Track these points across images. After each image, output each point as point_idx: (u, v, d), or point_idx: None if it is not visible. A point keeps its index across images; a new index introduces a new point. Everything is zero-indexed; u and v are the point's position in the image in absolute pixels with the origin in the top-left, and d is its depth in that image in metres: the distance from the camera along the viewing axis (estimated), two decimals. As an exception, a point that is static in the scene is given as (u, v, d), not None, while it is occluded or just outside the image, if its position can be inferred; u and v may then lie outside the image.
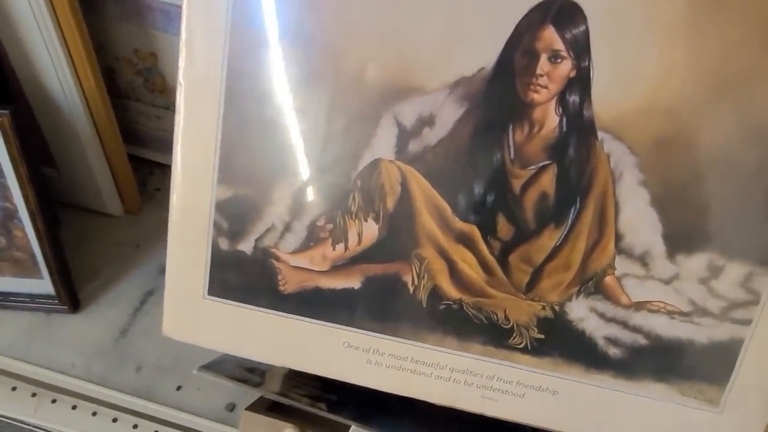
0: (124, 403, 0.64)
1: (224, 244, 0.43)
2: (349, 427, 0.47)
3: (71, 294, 0.68)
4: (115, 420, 0.63)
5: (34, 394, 0.63)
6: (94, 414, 0.63)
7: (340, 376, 0.44)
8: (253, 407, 0.54)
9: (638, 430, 0.43)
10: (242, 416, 0.49)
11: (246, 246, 0.43)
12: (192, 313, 0.45)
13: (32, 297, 0.68)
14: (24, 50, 0.60)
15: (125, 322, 0.70)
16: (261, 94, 0.40)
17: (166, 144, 0.81)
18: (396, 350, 0.43)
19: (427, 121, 0.39)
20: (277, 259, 0.43)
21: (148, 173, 0.84)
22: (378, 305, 0.42)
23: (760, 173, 0.38)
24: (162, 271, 0.74)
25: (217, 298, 0.44)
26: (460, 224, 0.41)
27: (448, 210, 0.40)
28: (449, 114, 0.39)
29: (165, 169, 0.84)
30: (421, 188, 0.40)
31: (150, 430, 0.62)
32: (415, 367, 0.43)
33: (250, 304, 0.44)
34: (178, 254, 0.44)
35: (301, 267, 0.43)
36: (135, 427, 0.62)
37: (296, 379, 0.51)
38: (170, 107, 0.75)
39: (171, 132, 0.82)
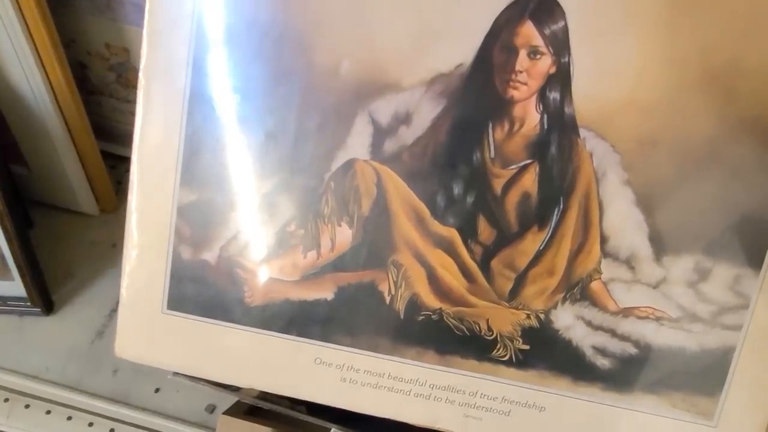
0: (100, 409, 0.62)
1: (186, 252, 0.40)
2: (329, 430, 0.45)
3: (44, 296, 0.67)
4: (91, 424, 0.61)
5: (6, 399, 0.62)
6: (69, 419, 0.61)
7: (312, 397, 0.41)
8: (231, 411, 0.52)
9: None
10: (220, 420, 0.48)
11: (210, 255, 0.40)
12: (149, 330, 0.42)
13: (3, 299, 0.66)
14: (-12, 46, 0.58)
15: (101, 324, 0.68)
16: (228, 92, 0.38)
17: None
18: (372, 366, 0.40)
19: (403, 120, 0.38)
20: (244, 269, 0.40)
21: (124, 171, 0.82)
22: (352, 317, 0.40)
23: (742, 171, 0.37)
24: (140, 271, 0.72)
25: (177, 313, 0.41)
26: (439, 228, 0.39)
27: (427, 213, 0.39)
28: (426, 112, 0.37)
29: (141, 167, 0.82)
30: (398, 190, 0.39)
31: (129, 432, 0.61)
32: (392, 385, 0.40)
33: (214, 318, 0.41)
34: (135, 264, 0.41)
35: (270, 277, 0.40)
36: (112, 431, 0.61)
37: None
38: (144, 102, 0.73)
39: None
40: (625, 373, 0.39)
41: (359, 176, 0.39)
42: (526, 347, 0.40)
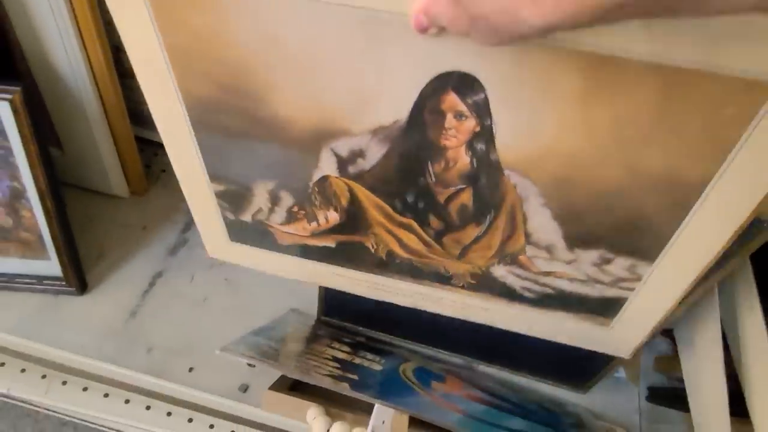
0: (138, 382, 0.63)
1: (230, 215, 0.56)
2: (369, 406, 0.47)
3: (79, 275, 0.67)
4: (127, 401, 0.62)
5: (44, 376, 0.63)
6: (106, 395, 0.63)
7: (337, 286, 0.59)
8: (276, 386, 0.53)
9: (548, 332, 0.56)
10: (265, 396, 0.49)
11: (245, 217, 0.56)
12: (224, 248, 0.61)
13: (39, 279, 0.67)
14: (32, 25, 0.59)
15: (134, 304, 0.69)
16: (225, 129, 0.48)
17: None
18: (368, 278, 0.57)
19: (358, 154, 0.46)
20: (270, 226, 0.56)
21: (152, 154, 0.82)
22: (350, 255, 0.56)
23: (642, 200, 0.42)
24: (170, 252, 0.74)
25: (238, 243, 0.59)
26: (400, 218, 0.50)
27: (390, 209, 0.50)
28: (375, 150, 0.45)
29: (169, 150, 0.84)
30: (366, 195, 0.49)
31: (163, 410, 0.62)
32: (383, 287, 0.57)
33: (262, 248, 0.59)
34: (200, 218, 0.58)
35: (288, 233, 0.55)
36: (148, 408, 0.62)
37: (316, 360, 0.56)
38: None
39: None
40: (545, 300, 0.53)
41: (335, 186, 0.49)
42: (474, 282, 0.54)
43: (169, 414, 0.64)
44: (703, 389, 0.55)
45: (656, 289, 0.48)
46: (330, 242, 0.55)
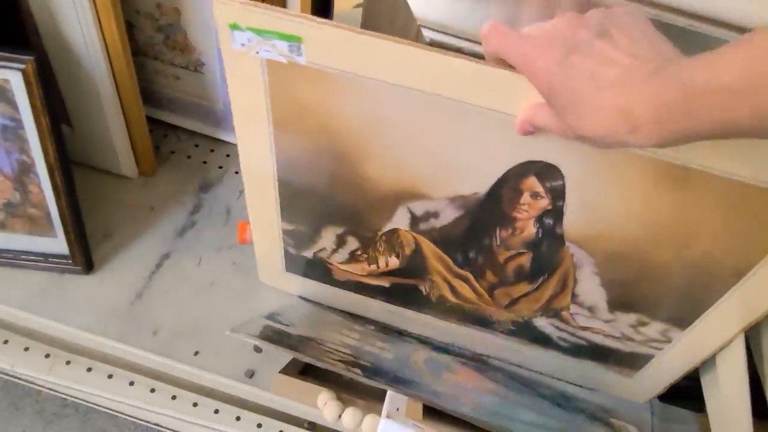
0: (143, 361, 0.62)
1: (292, 250, 0.60)
2: (380, 393, 0.47)
3: (85, 254, 0.66)
4: (132, 383, 0.61)
5: (47, 355, 0.62)
6: (110, 376, 0.62)
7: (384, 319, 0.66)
8: (286, 370, 0.53)
9: (574, 377, 0.63)
10: (275, 379, 0.48)
11: (307, 254, 0.60)
12: (277, 277, 0.65)
13: (45, 256, 0.66)
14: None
15: (141, 285, 0.68)
16: (309, 184, 0.52)
17: (183, 106, 0.79)
18: (417, 317, 0.63)
19: (432, 215, 0.50)
20: (330, 264, 0.60)
21: (162, 135, 0.82)
22: (402, 295, 0.60)
23: (686, 278, 0.48)
24: (178, 234, 0.73)
25: (292, 273, 0.63)
26: (458, 270, 0.55)
27: (450, 261, 0.54)
28: (450, 213, 0.49)
29: (179, 132, 0.82)
30: (430, 248, 0.53)
31: (168, 393, 0.61)
32: (431, 326, 0.63)
33: (315, 280, 0.63)
34: (261, 249, 0.63)
35: (347, 271, 0.60)
36: (152, 390, 0.61)
37: (327, 345, 0.56)
38: (190, 67, 0.72)
39: (189, 94, 0.81)
40: (577, 350, 0.59)
41: (402, 238, 0.53)
42: (513, 328, 0.59)
43: (174, 397, 0.63)
44: (723, 389, 0.54)
45: (683, 352, 0.53)
46: (385, 282, 0.59)
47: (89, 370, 0.61)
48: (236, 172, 0.80)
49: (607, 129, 0.32)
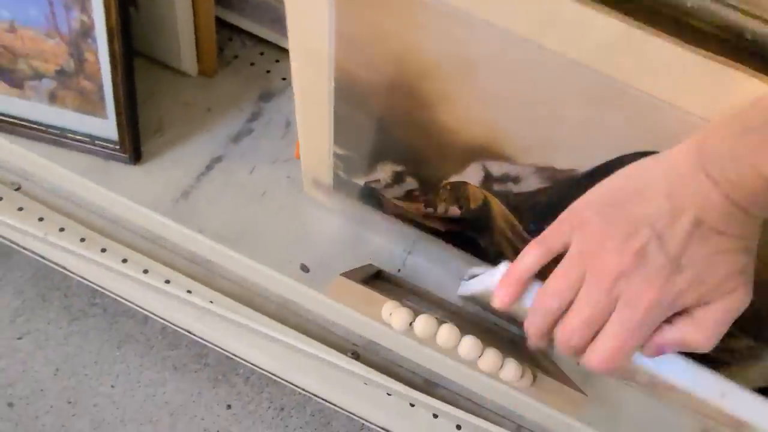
0: (179, 267, 0.58)
1: (342, 174, 0.55)
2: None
3: (135, 143, 0.62)
4: (167, 282, 0.57)
5: (83, 239, 0.58)
6: (146, 272, 0.57)
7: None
8: (348, 274, 0.47)
9: None
10: (336, 282, 0.43)
11: (358, 181, 0.54)
12: (324, 194, 0.60)
13: (92, 138, 0.62)
14: None
15: (188, 185, 0.64)
16: (370, 112, 0.45)
17: (253, 9, 0.74)
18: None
19: (512, 179, 0.44)
20: (382, 195, 0.54)
21: (227, 39, 0.77)
22: (455, 241, 0.55)
23: None
24: (233, 139, 0.69)
25: (340, 193, 0.58)
26: (527, 236, 0.48)
27: (520, 228, 0.48)
28: (533, 182, 0.43)
29: (245, 38, 0.78)
30: (500, 209, 0.47)
31: (206, 296, 0.56)
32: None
33: (363, 203, 0.57)
34: (308, 163, 0.57)
35: (399, 205, 0.54)
36: (189, 292, 0.57)
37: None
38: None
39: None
40: None
41: (470, 191, 0.47)
42: None
43: (211, 302, 0.58)
44: None
45: None
46: (440, 226, 0.54)
47: (124, 261, 0.57)
48: (300, 86, 0.74)
49: None
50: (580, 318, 0.31)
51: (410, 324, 0.39)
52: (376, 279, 0.45)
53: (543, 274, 0.34)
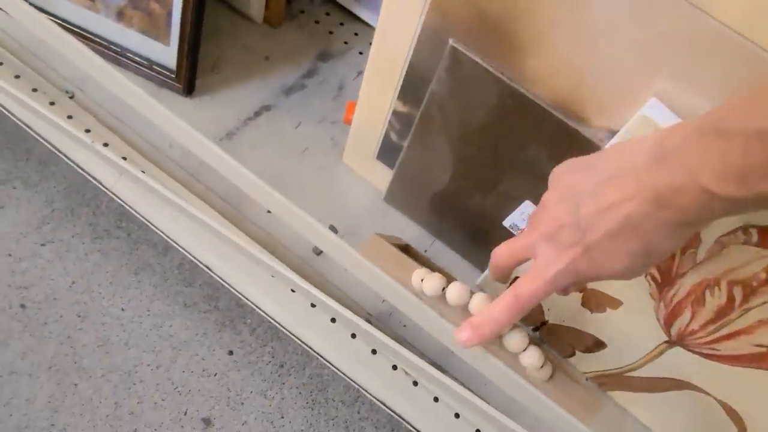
0: (213, 201, 0.58)
1: (394, 136, 0.55)
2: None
3: (191, 75, 0.62)
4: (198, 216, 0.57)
5: (124, 158, 0.58)
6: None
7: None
8: (383, 236, 0.47)
9: None
10: (371, 240, 0.42)
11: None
12: (363, 162, 0.61)
13: (150, 63, 0.62)
14: None
15: (234, 126, 0.64)
16: None
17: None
18: None
19: None
20: None
21: (297, -8, 0.77)
22: None
23: None
24: (285, 91, 0.68)
25: (381, 163, 0.60)
26: None
27: None
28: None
29: (313, -7, 0.77)
30: None
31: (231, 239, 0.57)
32: None
33: None
34: (360, 127, 0.58)
35: None
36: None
37: None
38: None
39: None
40: None
41: None
42: None
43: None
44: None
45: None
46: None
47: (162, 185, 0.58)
48: (360, 53, 0.74)
49: None
50: (507, 245, 0.35)
51: (443, 289, 0.38)
52: (405, 252, 0.44)
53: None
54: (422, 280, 0.38)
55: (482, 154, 0.49)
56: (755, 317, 0.42)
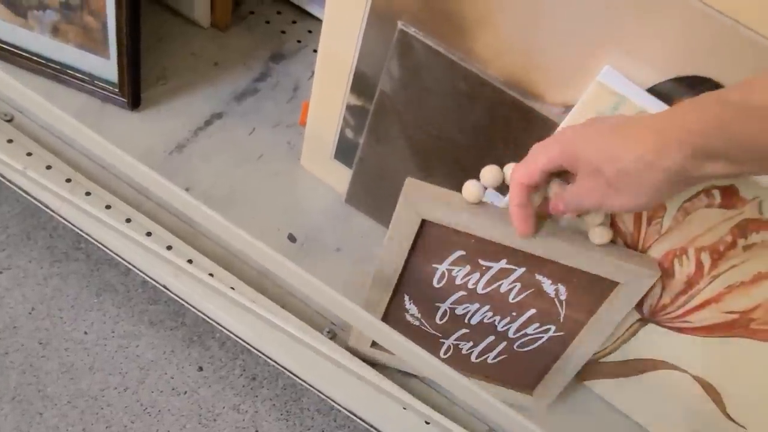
0: (162, 222, 0.56)
1: (349, 132, 0.54)
2: None
3: (134, 88, 0.60)
4: (149, 234, 0.55)
5: (68, 180, 0.56)
6: (128, 221, 0.56)
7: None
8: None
9: None
10: (407, 182, 0.40)
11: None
12: (321, 163, 0.60)
13: (92, 78, 0.59)
14: None
15: (184, 138, 0.62)
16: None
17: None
18: None
19: None
20: None
21: (243, -8, 0.75)
22: None
23: None
24: (236, 97, 0.67)
25: (339, 163, 0.59)
26: None
27: None
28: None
29: (262, -8, 0.75)
30: None
31: (185, 255, 0.55)
32: None
33: None
34: (314, 126, 0.57)
35: None
36: (169, 248, 0.55)
37: None
38: None
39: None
40: None
41: None
42: None
43: (190, 261, 0.56)
44: None
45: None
46: None
47: (108, 207, 0.55)
48: (315, 51, 0.72)
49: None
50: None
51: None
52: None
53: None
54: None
55: (440, 141, 0.48)
56: (723, 283, 0.43)
